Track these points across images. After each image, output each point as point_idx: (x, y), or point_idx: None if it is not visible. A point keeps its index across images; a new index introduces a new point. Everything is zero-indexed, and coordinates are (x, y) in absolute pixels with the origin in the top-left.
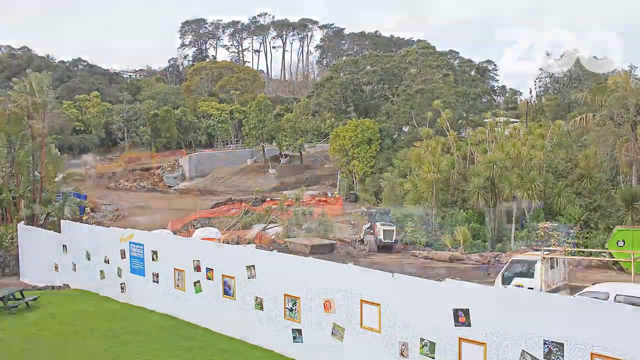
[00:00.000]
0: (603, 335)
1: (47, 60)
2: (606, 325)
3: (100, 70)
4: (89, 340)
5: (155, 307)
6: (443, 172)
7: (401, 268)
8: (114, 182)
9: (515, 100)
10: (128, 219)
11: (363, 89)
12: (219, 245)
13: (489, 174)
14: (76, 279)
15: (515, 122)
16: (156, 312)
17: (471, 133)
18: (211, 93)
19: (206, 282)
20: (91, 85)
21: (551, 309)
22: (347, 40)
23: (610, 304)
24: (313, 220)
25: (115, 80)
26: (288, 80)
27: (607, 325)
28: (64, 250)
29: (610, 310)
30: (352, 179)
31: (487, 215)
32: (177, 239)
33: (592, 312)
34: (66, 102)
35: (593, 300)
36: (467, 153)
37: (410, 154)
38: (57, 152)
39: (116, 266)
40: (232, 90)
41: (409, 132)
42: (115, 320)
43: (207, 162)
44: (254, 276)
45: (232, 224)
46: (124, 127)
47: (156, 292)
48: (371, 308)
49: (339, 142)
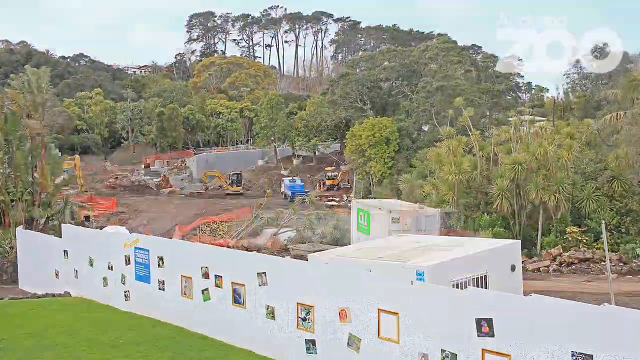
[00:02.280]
0: (635, 346)
1: (46, 56)
2: (638, 336)
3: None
4: (91, 352)
5: (161, 315)
6: (465, 173)
7: None
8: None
9: (541, 98)
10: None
11: (380, 86)
12: (230, 251)
13: (513, 175)
14: (78, 286)
15: (542, 121)
16: (162, 322)
17: (495, 132)
18: (220, 90)
19: (215, 289)
20: (93, 81)
21: (580, 318)
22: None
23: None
24: (328, 224)
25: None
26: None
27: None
28: (64, 256)
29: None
30: (369, 181)
31: (511, 220)
32: (185, 244)
33: (623, 321)
34: (67, 99)
35: (623, 310)
36: (490, 153)
37: (431, 155)
38: (57, 152)
39: (120, 273)
40: (242, 87)
41: (429, 132)
42: (118, 330)
43: (215, 163)
44: (266, 283)
45: (241, 229)
46: (128, 126)
47: (162, 300)
48: (389, 317)
49: (355, 142)
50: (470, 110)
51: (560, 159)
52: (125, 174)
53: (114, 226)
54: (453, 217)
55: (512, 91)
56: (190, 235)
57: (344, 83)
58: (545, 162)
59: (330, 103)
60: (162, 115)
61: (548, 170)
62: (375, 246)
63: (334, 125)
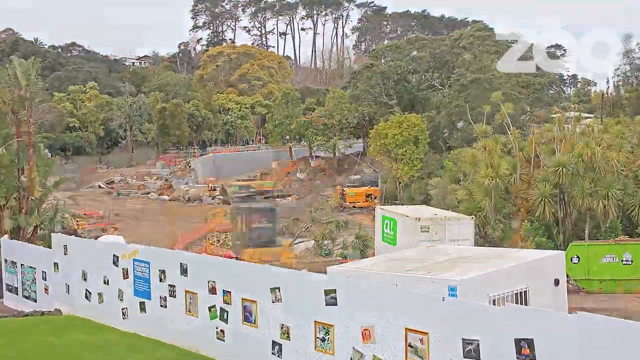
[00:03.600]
0: None
1: (35, 45)
2: None
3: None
4: None
5: (163, 336)
6: (503, 177)
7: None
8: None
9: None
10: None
11: (408, 79)
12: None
13: (557, 179)
14: (69, 303)
15: (589, 118)
16: (163, 342)
17: (536, 131)
18: (229, 84)
19: (223, 306)
20: (87, 74)
21: (634, 340)
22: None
23: None
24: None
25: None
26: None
27: None
28: (55, 269)
29: None
30: (396, 185)
31: (554, 228)
32: (189, 256)
33: None
34: (58, 94)
35: None
36: (531, 154)
37: (464, 156)
38: (47, 153)
39: (117, 288)
40: (254, 80)
41: (462, 130)
42: (116, 354)
43: (223, 164)
44: (280, 300)
45: None
46: (125, 124)
47: (164, 318)
48: (418, 337)
49: (380, 141)
50: (508, 106)
51: (609, 161)
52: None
53: (110, 235)
54: (489, 225)
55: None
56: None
57: (367, 75)
58: (593, 164)
59: (352, 98)
60: (164, 112)
61: (596, 174)
62: (402, 258)
63: (356, 122)
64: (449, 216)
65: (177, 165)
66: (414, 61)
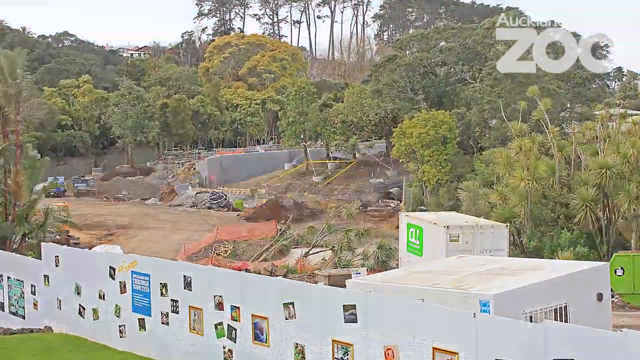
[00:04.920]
0: None
1: (22, 34)
2: None
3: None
4: None
5: (164, 356)
6: (540, 180)
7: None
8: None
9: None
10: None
11: (436, 72)
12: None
13: (600, 182)
14: (61, 319)
15: (636, 115)
16: None
17: (577, 129)
18: (237, 77)
19: (231, 323)
20: (81, 66)
21: None
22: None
23: None
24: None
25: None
26: (338, 60)
27: None
28: (45, 282)
29: None
30: (422, 189)
31: (597, 237)
32: (193, 268)
33: None
34: (48, 88)
35: None
36: (571, 155)
37: (498, 157)
38: (36, 154)
39: (114, 303)
40: (265, 73)
41: (495, 128)
42: None
43: (232, 167)
44: (294, 316)
45: (264, 248)
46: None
47: (166, 336)
48: (447, 357)
49: (405, 141)
50: (547, 102)
51: None
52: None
53: (107, 245)
54: (525, 234)
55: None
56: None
57: (390, 68)
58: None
59: (373, 93)
60: (165, 108)
61: None
62: (429, 270)
63: (378, 120)
64: (481, 224)
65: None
66: (442, 52)
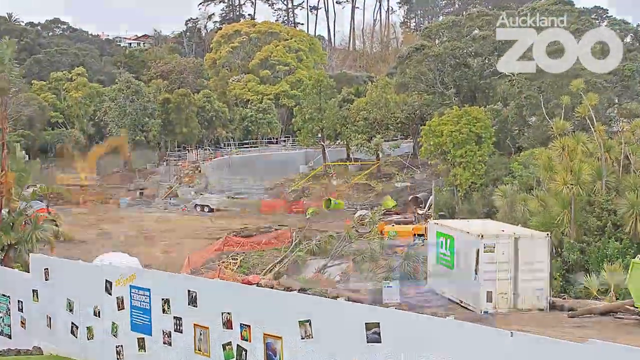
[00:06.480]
0: None
1: (9, 22)
2: None
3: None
4: None
5: None
6: (585, 184)
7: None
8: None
9: None
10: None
11: (468, 64)
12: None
13: None
14: (51, 339)
15: None
16: None
17: (626, 127)
18: (248, 70)
19: (240, 343)
20: (74, 57)
21: None
22: None
23: None
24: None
25: (109, 51)
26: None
27: None
28: (34, 298)
29: None
30: (454, 194)
31: None
32: (198, 282)
33: None
34: (37, 82)
35: None
36: (620, 157)
37: (538, 158)
38: (23, 154)
39: (110, 321)
40: (279, 65)
41: (535, 126)
42: None
43: (241, 169)
44: (310, 336)
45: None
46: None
47: (168, 358)
48: None
49: (434, 140)
50: (592, 97)
51: None
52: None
53: (113, 253)
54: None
55: None
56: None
57: (418, 59)
58: None
59: (399, 87)
60: (167, 104)
61: None
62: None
63: (404, 117)
64: (519, 233)
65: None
66: (475, 42)
